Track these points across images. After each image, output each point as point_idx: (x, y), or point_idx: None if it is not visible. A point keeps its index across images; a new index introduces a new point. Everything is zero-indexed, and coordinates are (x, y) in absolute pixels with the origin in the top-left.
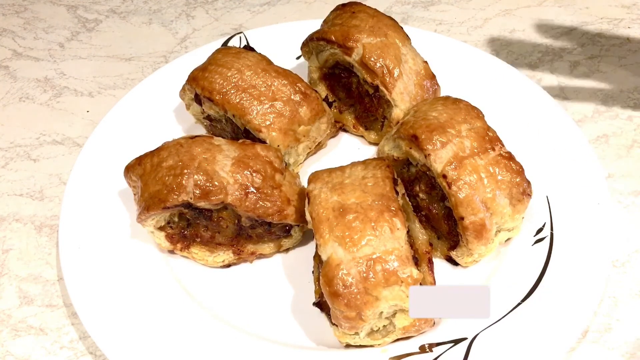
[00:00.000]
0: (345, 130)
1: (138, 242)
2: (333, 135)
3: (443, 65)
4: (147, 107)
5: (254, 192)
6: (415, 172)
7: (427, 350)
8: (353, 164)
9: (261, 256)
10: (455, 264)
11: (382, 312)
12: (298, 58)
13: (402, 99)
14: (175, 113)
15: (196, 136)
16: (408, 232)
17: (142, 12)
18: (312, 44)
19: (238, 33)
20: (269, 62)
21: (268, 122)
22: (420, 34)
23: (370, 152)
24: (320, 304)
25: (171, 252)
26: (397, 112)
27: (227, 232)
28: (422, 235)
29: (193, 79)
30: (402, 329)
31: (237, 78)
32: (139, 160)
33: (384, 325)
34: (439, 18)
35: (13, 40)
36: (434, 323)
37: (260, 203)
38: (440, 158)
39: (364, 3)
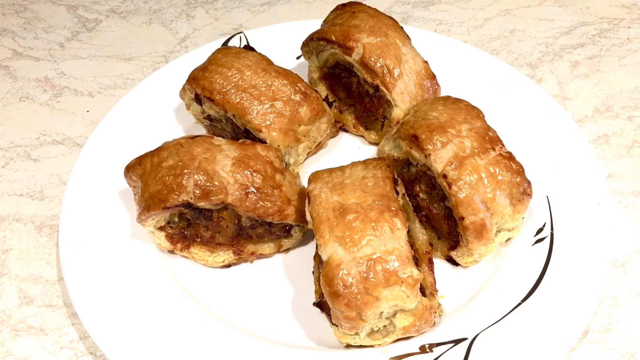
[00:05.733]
0: (345, 130)
1: (138, 242)
2: (333, 135)
3: (443, 65)
4: (147, 107)
5: (254, 192)
6: (416, 172)
7: (428, 350)
8: (353, 164)
9: (261, 256)
10: (455, 264)
11: (382, 312)
12: (298, 58)
13: (402, 98)
14: (175, 113)
15: (196, 136)
16: (408, 232)
17: (142, 12)
18: (312, 44)
19: (238, 33)
20: (269, 62)
21: (268, 122)
22: (420, 33)
23: (371, 152)
24: (321, 304)
25: (171, 252)
26: (398, 112)
27: (227, 232)
28: (422, 235)
29: (193, 78)
30: (402, 329)
31: (237, 78)
32: (139, 160)
33: (384, 326)
34: (439, 18)
35: (13, 40)
36: (434, 323)
37: (261, 203)
38: (440, 158)
39: (364, 3)
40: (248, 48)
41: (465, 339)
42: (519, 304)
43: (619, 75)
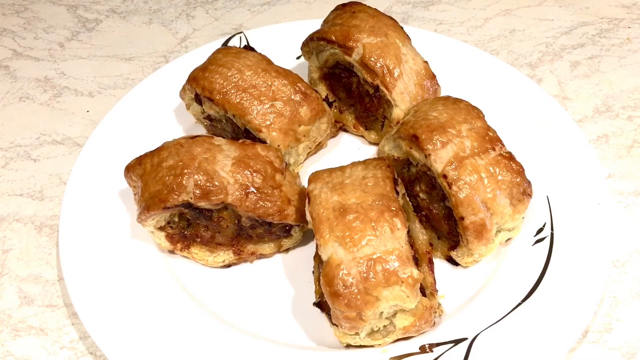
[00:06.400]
0: (345, 130)
1: (138, 242)
2: (333, 135)
3: (443, 65)
4: (147, 107)
5: (254, 192)
6: (416, 172)
7: (428, 350)
8: (353, 164)
9: (261, 256)
10: (455, 264)
11: (382, 312)
12: (298, 58)
13: (402, 98)
14: (175, 113)
15: (196, 136)
16: (408, 232)
17: (142, 12)
18: (312, 44)
19: (238, 33)
20: (269, 62)
21: (268, 122)
22: (420, 33)
23: (371, 152)
24: (321, 304)
25: (171, 252)
26: (398, 112)
27: (227, 232)
28: (422, 235)
29: (193, 79)
30: (402, 329)
31: (238, 78)
32: (139, 160)
33: (384, 326)
34: (439, 18)
35: (13, 40)
36: (435, 323)
37: (261, 203)
38: (440, 158)
39: (364, 3)
40: (248, 48)
41: (465, 339)
42: (519, 304)
43: (619, 75)
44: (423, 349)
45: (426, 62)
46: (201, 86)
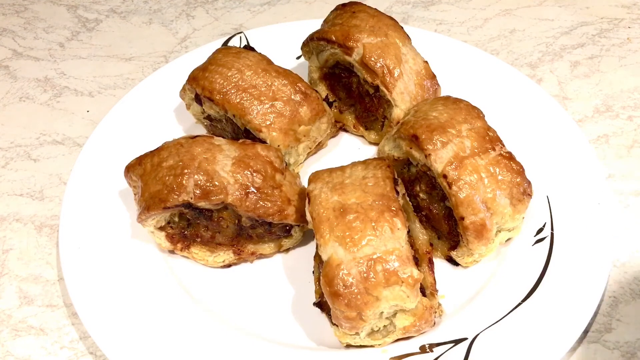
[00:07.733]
0: (345, 130)
1: (138, 242)
2: (333, 135)
3: (443, 65)
4: (147, 107)
5: (255, 192)
6: (416, 172)
7: (428, 350)
8: (353, 164)
9: (261, 256)
10: (455, 264)
11: (382, 312)
12: (298, 58)
13: (402, 98)
14: (175, 113)
15: (196, 136)
16: (408, 232)
17: (142, 12)
18: (312, 44)
19: (238, 33)
20: (269, 62)
21: (268, 122)
22: (420, 33)
23: (371, 152)
24: (321, 304)
25: (171, 252)
26: (398, 112)
27: (228, 232)
28: (422, 235)
29: (193, 78)
30: (402, 329)
31: (238, 78)
32: (139, 160)
33: (384, 326)
34: (439, 18)
35: (13, 40)
36: (435, 323)
37: (261, 203)
38: (440, 158)
39: (364, 3)
40: (248, 48)
41: (465, 339)
42: (519, 304)
43: (619, 75)
44: (423, 349)
45: (426, 62)
46: (201, 86)
